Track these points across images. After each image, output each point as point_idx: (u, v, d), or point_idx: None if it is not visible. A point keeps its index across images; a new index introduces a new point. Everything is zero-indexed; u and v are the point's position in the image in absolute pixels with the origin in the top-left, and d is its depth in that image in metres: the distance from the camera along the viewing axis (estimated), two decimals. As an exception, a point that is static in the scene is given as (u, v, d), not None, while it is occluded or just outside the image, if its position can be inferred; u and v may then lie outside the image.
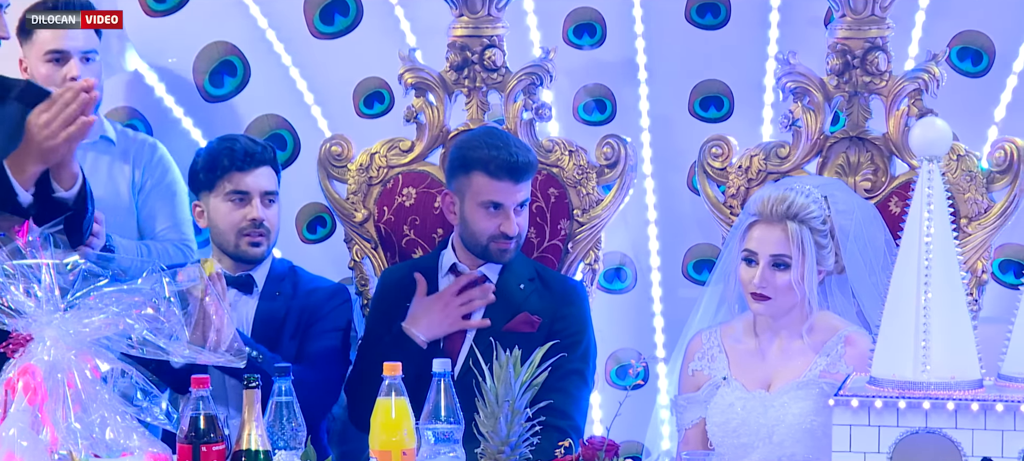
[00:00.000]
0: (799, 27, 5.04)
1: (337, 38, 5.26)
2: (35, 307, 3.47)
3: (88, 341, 3.48)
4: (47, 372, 3.44)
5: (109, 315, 3.49)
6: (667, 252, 5.21)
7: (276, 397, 3.60)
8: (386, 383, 3.59)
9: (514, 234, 4.55)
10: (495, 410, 3.56)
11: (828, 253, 4.17)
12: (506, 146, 4.53)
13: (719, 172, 4.76)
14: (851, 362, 4.07)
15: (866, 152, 4.67)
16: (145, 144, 5.00)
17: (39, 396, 3.42)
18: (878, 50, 4.62)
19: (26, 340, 3.47)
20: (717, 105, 5.18)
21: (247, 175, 4.56)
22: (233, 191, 4.56)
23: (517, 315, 4.57)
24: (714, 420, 4.16)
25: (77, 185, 4.09)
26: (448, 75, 4.88)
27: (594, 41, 5.21)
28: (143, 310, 3.52)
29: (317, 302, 4.62)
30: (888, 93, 4.62)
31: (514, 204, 4.54)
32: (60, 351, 3.45)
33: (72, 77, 4.78)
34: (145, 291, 3.55)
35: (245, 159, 4.56)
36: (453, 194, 4.61)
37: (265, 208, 4.56)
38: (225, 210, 4.57)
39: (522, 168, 4.52)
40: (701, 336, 4.31)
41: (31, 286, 3.49)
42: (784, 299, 4.14)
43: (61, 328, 3.46)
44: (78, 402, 3.44)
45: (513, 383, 3.54)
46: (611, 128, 5.10)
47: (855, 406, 3.41)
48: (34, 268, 3.50)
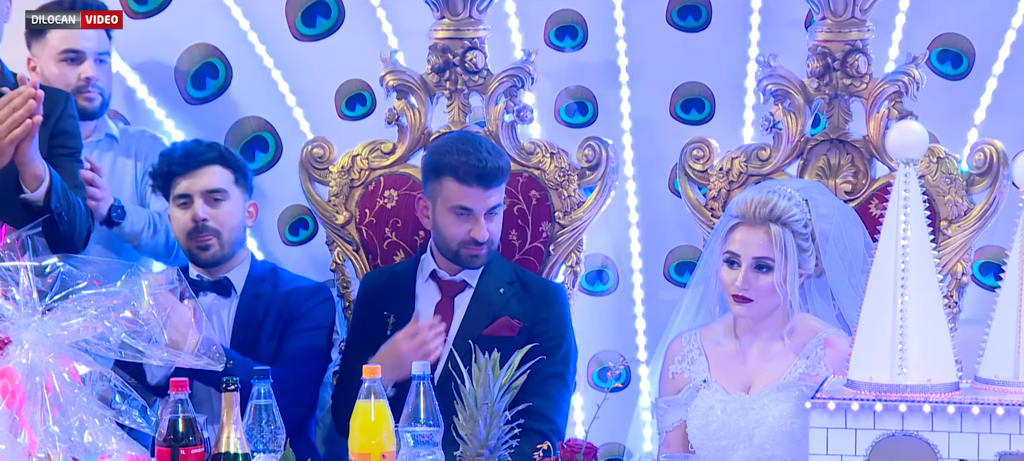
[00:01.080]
0: (780, 29, 5.06)
1: (319, 40, 5.26)
2: (13, 310, 3.47)
3: (66, 344, 3.47)
4: (25, 375, 3.43)
5: (87, 318, 3.49)
6: (649, 254, 5.21)
7: (255, 400, 3.61)
8: (365, 386, 3.58)
9: (484, 239, 4.54)
10: (474, 413, 3.56)
11: (809, 256, 4.18)
12: (476, 151, 4.52)
13: (700, 174, 4.76)
14: (831, 364, 4.07)
15: (846, 154, 4.68)
16: (145, 137, 5.02)
17: (17, 399, 3.42)
18: (858, 53, 4.62)
19: (4, 343, 3.46)
20: (698, 107, 5.19)
21: (186, 177, 4.57)
22: (177, 195, 4.58)
23: (497, 319, 4.56)
24: (694, 422, 4.17)
25: (43, 186, 4.10)
26: (430, 77, 4.88)
27: (576, 43, 5.22)
28: (122, 313, 3.52)
29: (297, 301, 4.62)
30: (868, 96, 4.63)
31: (484, 209, 4.54)
32: (38, 354, 3.44)
33: (86, 77, 4.80)
34: (124, 294, 3.54)
35: (182, 161, 4.57)
36: (427, 199, 4.62)
37: (209, 207, 4.55)
38: (178, 215, 4.60)
39: (491, 174, 4.51)
40: (681, 338, 4.31)
41: (9, 289, 3.48)
42: (766, 301, 4.14)
43: (39, 331, 3.46)
44: (56, 405, 3.43)
45: (492, 386, 3.55)
46: (593, 130, 5.11)
47: (832, 408, 3.42)
48: (12, 271, 3.50)
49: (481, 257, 4.57)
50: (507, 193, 4.77)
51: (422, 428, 3.58)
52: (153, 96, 5.28)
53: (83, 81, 4.84)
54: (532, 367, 3.65)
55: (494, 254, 4.67)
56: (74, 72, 4.84)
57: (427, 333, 4.49)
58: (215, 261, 4.58)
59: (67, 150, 4.37)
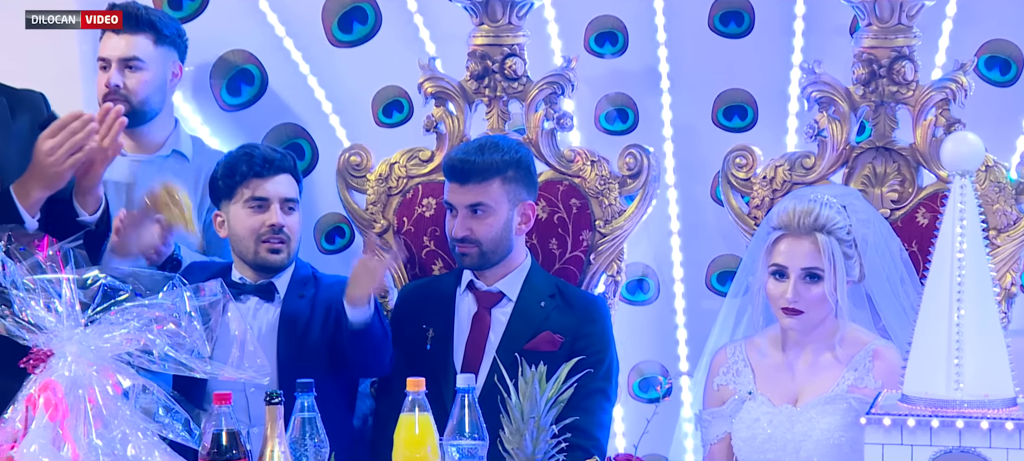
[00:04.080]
0: (824, 35, 5.03)
1: (355, 46, 5.26)
2: (55, 322, 3.49)
3: (109, 356, 3.49)
4: (68, 388, 3.45)
5: (130, 330, 3.50)
6: (690, 263, 5.21)
7: (299, 413, 3.61)
8: (409, 399, 3.60)
9: (460, 236, 4.53)
10: (520, 427, 3.56)
11: (854, 263, 4.17)
12: (465, 148, 4.56)
13: (743, 182, 4.76)
14: (879, 376, 4.07)
15: (892, 163, 4.66)
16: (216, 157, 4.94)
17: (60, 412, 3.43)
18: (905, 59, 4.61)
19: (47, 355, 3.48)
20: (741, 114, 5.18)
21: (266, 181, 4.57)
22: (252, 198, 4.57)
23: (539, 334, 4.55)
24: (740, 435, 4.16)
25: (100, 209, 4.10)
26: (468, 84, 4.88)
27: (616, 49, 5.21)
28: (165, 325, 3.52)
29: (340, 289, 4.59)
30: (915, 103, 4.62)
31: (463, 206, 4.53)
32: (81, 366, 3.46)
33: (111, 84, 4.81)
34: (166, 306, 3.55)
35: (264, 165, 4.57)
36: None
37: (285, 215, 4.57)
38: (244, 216, 4.58)
39: (463, 169, 4.51)
40: (726, 350, 4.30)
41: (51, 301, 3.50)
42: (816, 312, 4.14)
43: (82, 343, 3.48)
44: (99, 418, 3.45)
45: (539, 399, 3.54)
46: (633, 138, 5.10)
47: (887, 425, 3.40)
48: (54, 283, 3.51)
49: (470, 257, 4.56)
50: (547, 201, 4.78)
51: (467, 442, 3.59)
52: (188, 102, 5.27)
53: (106, 88, 4.85)
54: (577, 381, 3.63)
55: (534, 266, 4.67)
56: (101, 80, 4.87)
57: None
58: (280, 267, 4.59)
59: None
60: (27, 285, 3.49)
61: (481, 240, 4.54)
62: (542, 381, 3.56)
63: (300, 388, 3.62)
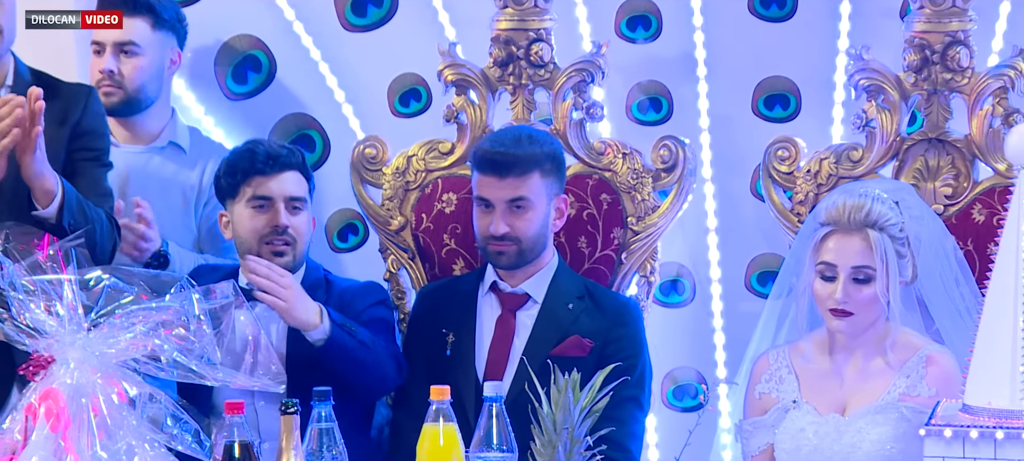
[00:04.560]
0: (872, 19, 5.01)
1: (370, 31, 5.23)
2: (57, 326, 3.45)
3: (114, 363, 3.46)
4: (70, 396, 3.42)
5: (136, 335, 3.48)
6: (728, 262, 5.18)
7: (316, 423, 3.58)
8: (433, 408, 3.58)
9: (500, 234, 4.49)
10: (553, 438, 3.54)
11: (906, 262, 4.15)
12: (500, 138, 4.53)
13: (786, 176, 4.73)
14: (933, 383, 4.06)
15: (946, 155, 4.63)
16: (215, 150, 4.97)
17: (62, 422, 3.41)
18: (959, 45, 4.57)
19: (48, 362, 3.45)
20: (783, 104, 5.14)
21: (269, 179, 4.53)
22: (255, 196, 4.53)
23: (567, 338, 4.52)
24: (784, 446, 4.13)
25: (55, 202, 4.06)
26: (491, 71, 4.85)
27: (649, 34, 5.17)
28: (173, 329, 3.49)
29: (350, 298, 4.60)
30: (970, 91, 4.58)
31: (503, 201, 4.49)
32: (84, 374, 3.43)
33: (106, 69, 4.80)
34: (174, 309, 3.52)
35: (267, 162, 4.53)
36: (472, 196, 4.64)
37: (290, 215, 4.53)
38: (247, 216, 4.54)
39: (504, 162, 4.47)
40: (768, 356, 4.28)
41: (52, 304, 3.47)
42: (866, 314, 4.11)
43: (85, 349, 3.44)
44: (103, 428, 3.42)
45: (573, 409, 3.51)
46: (667, 128, 5.06)
47: (948, 436, 3.35)
48: (55, 284, 3.48)
49: (507, 255, 4.52)
50: (576, 197, 4.75)
51: (495, 453, 3.56)
52: (191, 91, 5.24)
53: (100, 74, 4.82)
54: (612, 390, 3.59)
55: (561, 266, 4.63)
56: (96, 65, 4.85)
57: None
58: (286, 270, 4.52)
59: (90, 153, 4.33)
60: (26, 287, 3.47)
61: (520, 237, 4.51)
62: (576, 389, 3.53)
63: (317, 397, 3.60)
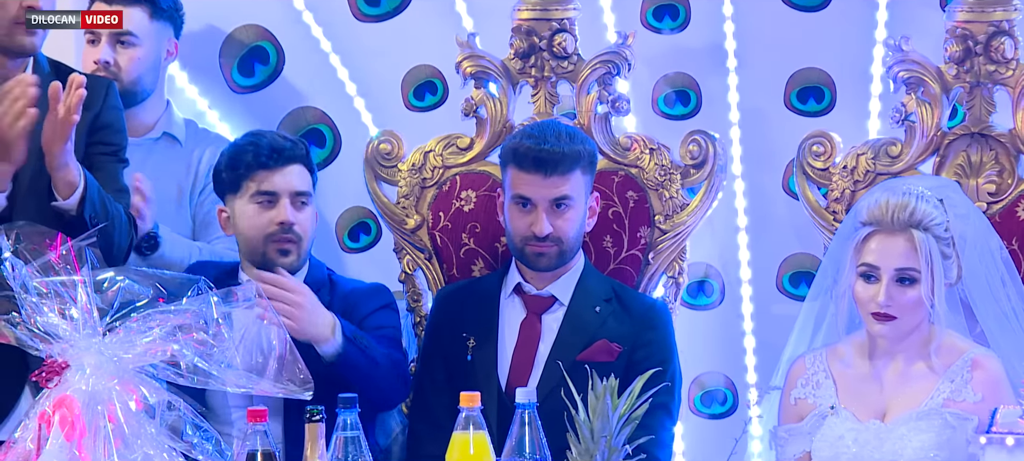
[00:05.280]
0: (911, 8, 5.03)
1: (384, 21, 5.26)
2: (71, 330, 3.46)
3: (131, 368, 3.47)
4: (85, 403, 3.43)
5: (154, 339, 3.48)
6: (759, 263, 5.20)
7: (341, 431, 3.60)
8: (463, 416, 3.61)
9: (544, 234, 4.53)
10: (590, 447, 3.57)
11: (951, 263, 4.17)
12: (541, 134, 4.54)
13: (821, 173, 4.76)
14: (979, 389, 4.09)
15: (989, 150, 4.67)
16: (211, 140, 5.01)
17: (77, 430, 3.42)
18: (1004, 35, 4.61)
19: (62, 367, 3.46)
20: (817, 97, 5.18)
21: (274, 173, 4.55)
22: (259, 192, 4.55)
23: (594, 342, 4.56)
24: (821, 454, 4.17)
25: (77, 194, 4.12)
26: (512, 63, 4.88)
27: (677, 24, 5.21)
28: (192, 333, 3.52)
29: (355, 301, 4.62)
30: (1015, 84, 4.62)
31: (546, 200, 4.53)
32: (100, 380, 3.44)
33: (101, 60, 4.85)
34: (193, 312, 3.54)
35: (271, 156, 4.55)
36: (503, 194, 4.65)
37: (296, 211, 4.55)
38: (251, 213, 4.56)
39: (550, 159, 4.50)
40: (804, 360, 4.31)
41: (66, 307, 3.48)
42: (910, 318, 4.14)
43: (101, 354, 3.45)
44: (120, 437, 3.43)
45: (611, 416, 3.56)
46: (696, 123, 5.09)
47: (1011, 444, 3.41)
48: (69, 286, 3.49)
49: (548, 257, 4.56)
50: (601, 194, 4.77)
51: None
52: (194, 84, 5.29)
53: (95, 65, 4.86)
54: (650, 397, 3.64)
55: (587, 267, 4.68)
56: (90, 54, 4.89)
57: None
58: (290, 270, 4.56)
59: (109, 148, 4.38)
60: (39, 289, 3.48)
61: (562, 238, 4.55)
62: (614, 395, 3.57)
63: (342, 404, 3.61)
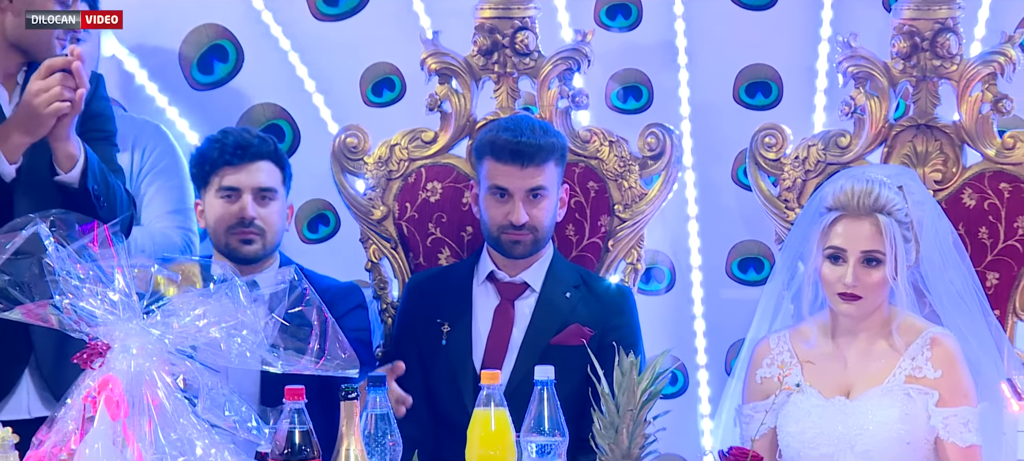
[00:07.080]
0: (855, 8, 5.12)
1: (342, 19, 5.28)
2: (108, 313, 3.45)
3: (173, 349, 3.47)
4: (128, 384, 3.42)
5: (193, 319, 3.49)
6: (709, 250, 5.27)
7: (371, 409, 3.63)
8: (484, 393, 3.65)
9: (521, 223, 4.59)
10: (615, 420, 3.62)
11: (911, 247, 4.27)
12: (517, 128, 4.60)
13: (772, 163, 4.83)
14: (938, 365, 4.19)
15: (935, 141, 4.77)
16: (146, 126, 4.98)
17: (121, 410, 3.41)
18: (948, 31, 4.72)
19: (104, 349, 3.45)
20: (765, 92, 5.27)
21: (238, 170, 4.60)
22: (222, 187, 4.60)
23: (566, 327, 4.63)
24: (788, 430, 4.24)
25: (78, 166, 4.12)
26: (475, 60, 4.91)
27: (629, 22, 5.27)
28: (228, 314, 3.52)
29: (331, 299, 4.59)
30: (960, 78, 4.73)
31: (523, 190, 4.60)
32: (142, 361, 3.44)
33: None
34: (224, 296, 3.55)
35: (235, 153, 4.59)
36: (476, 185, 4.70)
37: (259, 206, 4.59)
38: (217, 207, 4.61)
39: (527, 150, 4.57)
40: (769, 340, 4.38)
41: (105, 290, 3.47)
42: (874, 297, 4.24)
43: (143, 336, 3.45)
44: (162, 416, 3.43)
45: (636, 391, 3.62)
46: (648, 117, 5.15)
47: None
48: (107, 269, 3.49)
49: (523, 245, 4.63)
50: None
51: (546, 438, 3.63)
52: (154, 81, 5.26)
53: None
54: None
55: (556, 255, 4.74)
56: None
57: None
58: (253, 259, 4.60)
59: (102, 134, 4.37)
60: (78, 274, 3.48)
61: (537, 226, 4.61)
62: (636, 371, 3.64)
63: (372, 382, 3.64)
